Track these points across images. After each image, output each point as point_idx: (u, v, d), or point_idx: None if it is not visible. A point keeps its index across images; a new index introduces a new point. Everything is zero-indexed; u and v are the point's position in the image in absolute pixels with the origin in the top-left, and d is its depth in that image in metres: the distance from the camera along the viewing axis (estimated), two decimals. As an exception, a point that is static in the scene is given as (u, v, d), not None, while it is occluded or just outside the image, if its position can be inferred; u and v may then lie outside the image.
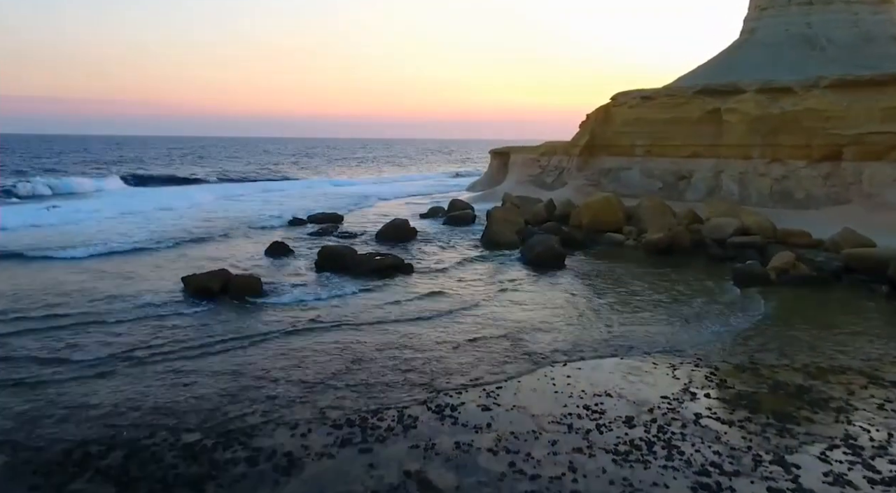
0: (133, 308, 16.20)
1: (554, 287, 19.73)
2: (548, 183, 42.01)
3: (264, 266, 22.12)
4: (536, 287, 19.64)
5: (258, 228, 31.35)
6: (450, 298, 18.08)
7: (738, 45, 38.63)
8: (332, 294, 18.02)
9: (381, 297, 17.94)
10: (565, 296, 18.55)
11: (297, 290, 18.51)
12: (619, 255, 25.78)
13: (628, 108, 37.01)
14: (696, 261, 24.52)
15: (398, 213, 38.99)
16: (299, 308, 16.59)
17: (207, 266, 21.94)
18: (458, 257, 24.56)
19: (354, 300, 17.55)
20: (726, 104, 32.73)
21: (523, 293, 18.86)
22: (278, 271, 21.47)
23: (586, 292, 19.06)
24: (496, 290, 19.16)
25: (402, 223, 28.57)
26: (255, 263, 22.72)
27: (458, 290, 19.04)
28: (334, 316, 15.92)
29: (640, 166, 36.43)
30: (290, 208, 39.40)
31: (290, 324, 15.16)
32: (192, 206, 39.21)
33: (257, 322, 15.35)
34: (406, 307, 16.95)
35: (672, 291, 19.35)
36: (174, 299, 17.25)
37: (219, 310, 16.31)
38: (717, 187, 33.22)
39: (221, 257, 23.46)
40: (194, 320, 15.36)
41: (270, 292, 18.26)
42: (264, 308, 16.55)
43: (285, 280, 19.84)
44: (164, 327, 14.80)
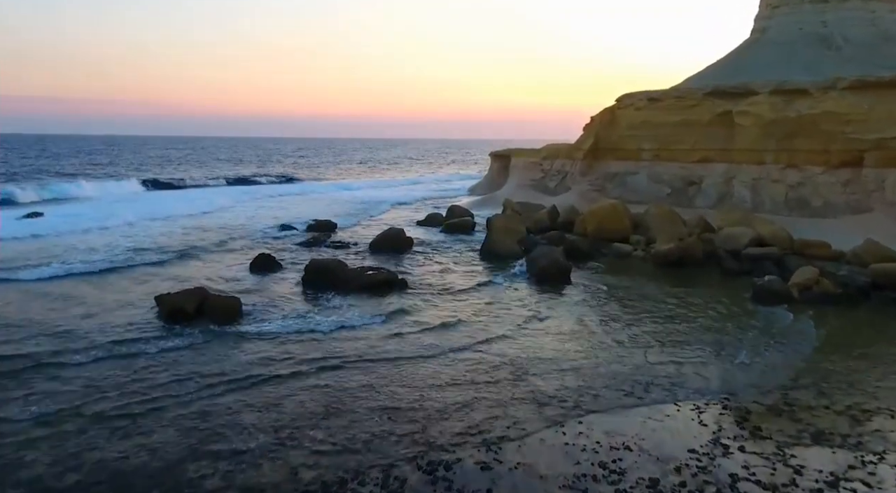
0: (94, 344, 14.03)
1: (560, 309, 18.18)
2: (550, 188, 40.48)
3: (248, 282, 20.59)
4: (541, 309, 18.08)
5: (249, 238, 29.75)
6: (445, 323, 16.47)
7: (749, 45, 37.08)
8: (315, 321, 16.26)
9: (370, 322, 16.28)
10: (573, 320, 16.98)
11: (278, 314, 16.91)
12: (627, 268, 24.25)
13: (634, 110, 35.45)
14: (709, 275, 22.99)
15: (397, 217, 37.64)
16: (278, 340, 14.77)
17: (190, 281, 20.55)
18: (455, 270, 23.05)
19: (340, 327, 15.81)
20: (738, 106, 31.19)
21: (527, 316, 17.31)
22: (262, 287, 19.94)
23: (595, 316, 17.50)
24: (497, 312, 17.61)
25: (397, 233, 27.05)
26: (238, 278, 21.20)
27: (454, 312, 17.48)
28: (316, 350, 14.17)
29: (647, 171, 34.89)
30: (292, 215, 37.94)
31: (267, 360, 13.43)
32: (189, 214, 37.23)
33: (231, 358, 13.57)
34: (397, 337, 15.22)
35: (688, 313, 17.81)
36: (144, 326, 15.51)
37: (191, 340, 14.57)
38: (729, 194, 31.68)
39: (205, 272, 21.94)
40: (161, 359, 13.42)
41: (250, 315, 16.72)
42: (240, 340, 14.79)
43: (268, 300, 18.30)
44: (126, 368, 12.84)
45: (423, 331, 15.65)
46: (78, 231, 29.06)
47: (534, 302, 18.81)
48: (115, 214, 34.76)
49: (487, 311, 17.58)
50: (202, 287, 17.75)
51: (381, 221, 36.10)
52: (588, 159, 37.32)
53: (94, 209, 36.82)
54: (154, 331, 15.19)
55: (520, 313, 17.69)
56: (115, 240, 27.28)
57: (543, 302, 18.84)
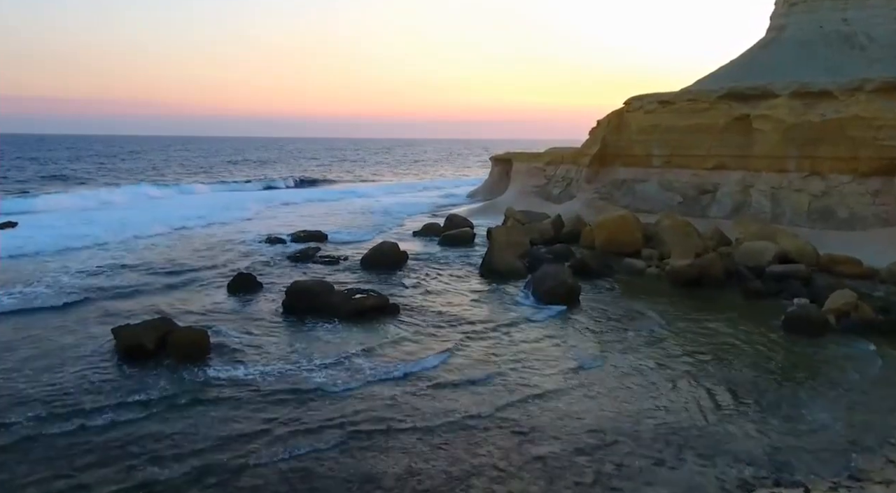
0: (21, 403, 11.58)
1: (569, 341, 16.12)
2: (554, 195, 38.47)
3: (223, 307, 18.57)
4: (547, 341, 16.04)
5: (235, 252, 27.69)
6: (439, 361, 14.36)
7: (765, 45, 35.05)
8: (294, 363, 13.95)
9: (359, 367, 13.81)
10: (584, 357, 14.91)
11: (253, 351, 14.76)
12: (640, 287, 22.21)
13: (644, 113, 33.44)
14: (731, 296, 20.94)
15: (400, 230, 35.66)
16: (251, 396, 12.11)
17: (161, 304, 18.61)
18: (452, 291, 21.03)
19: (319, 371, 13.47)
20: (756, 110, 29.17)
21: (531, 351, 15.27)
22: (238, 313, 17.92)
23: (610, 351, 15.42)
24: (496, 347, 15.53)
25: (390, 248, 25.00)
26: (213, 301, 19.18)
27: (452, 348, 15.39)
28: (287, 412, 11.46)
29: (657, 178, 32.87)
30: (291, 224, 35.93)
31: (236, 434, 10.66)
32: (182, 225, 34.83)
33: (184, 421, 11.04)
34: (384, 385, 12.82)
35: (717, 346, 15.77)
36: (91, 373, 13.18)
37: (142, 396, 12.06)
38: (746, 203, 29.66)
39: (178, 295, 19.93)
40: (91, 437, 10.44)
41: (220, 350, 14.68)
42: (201, 389, 12.46)
43: (243, 330, 16.26)
44: (47, 448, 10.01)
45: (411, 375, 13.48)
46: (53, 247, 26.65)
47: (539, 331, 16.77)
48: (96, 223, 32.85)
49: (486, 348, 15.50)
50: (166, 317, 15.72)
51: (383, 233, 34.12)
52: (594, 165, 35.30)
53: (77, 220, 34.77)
54: (102, 380, 12.84)
55: (522, 343, 15.69)
56: (87, 260, 25.03)
57: (550, 331, 16.80)
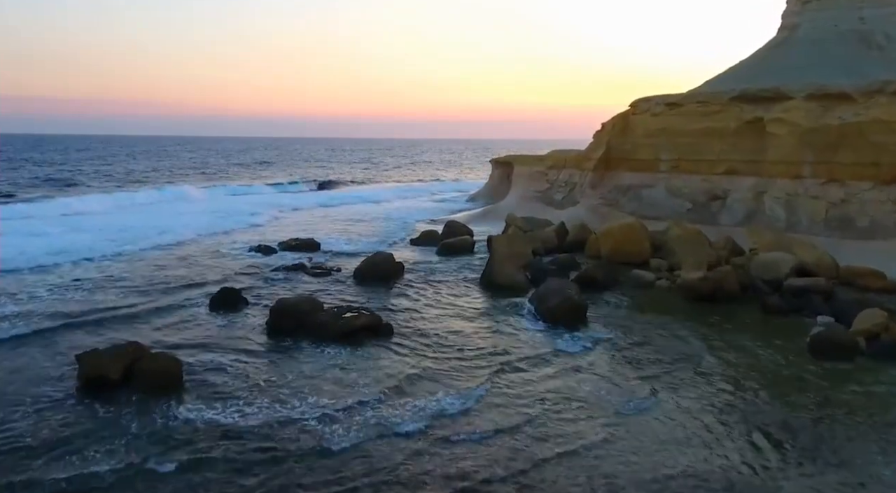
0: None
1: (578, 368, 14.77)
2: (557, 200, 37.12)
3: (202, 327, 17.23)
4: (554, 368, 14.72)
5: (222, 263, 26.35)
6: (433, 399, 12.92)
7: (778, 44, 33.70)
8: (279, 401, 12.40)
9: (348, 407, 12.18)
10: (598, 389, 13.54)
11: (231, 383, 13.32)
12: (650, 302, 20.86)
13: (651, 116, 32.09)
14: (748, 313, 19.60)
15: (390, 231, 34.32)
16: (218, 458, 10.18)
17: (135, 323, 17.34)
18: (451, 308, 19.69)
19: (305, 416, 11.77)
20: (770, 113, 27.82)
21: (537, 379, 13.95)
22: (218, 335, 16.58)
23: (619, 385, 13.98)
24: (497, 377, 14.20)
25: (384, 259, 23.65)
26: (192, 320, 17.86)
27: (444, 377, 14.07)
28: (268, 477, 9.73)
29: (665, 184, 31.53)
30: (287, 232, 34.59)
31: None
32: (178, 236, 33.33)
33: (142, 484, 9.44)
34: (383, 441, 11.02)
35: (738, 377, 14.40)
36: (46, 411, 11.87)
37: (98, 435, 10.77)
38: (759, 211, 28.32)
39: (155, 314, 18.57)
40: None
41: (195, 381, 13.36)
42: (167, 438, 10.85)
43: (221, 356, 14.91)
44: None
45: (404, 418, 12.04)
46: (33, 259, 25.02)
47: (545, 356, 15.43)
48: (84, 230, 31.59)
49: (486, 379, 14.14)
50: (136, 343, 14.35)
51: (375, 234, 32.79)
52: (599, 170, 33.96)
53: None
54: (55, 418, 11.50)
55: (527, 371, 14.37)
56: (69, 271, 23.80)
57: (557, 356, 15.46)
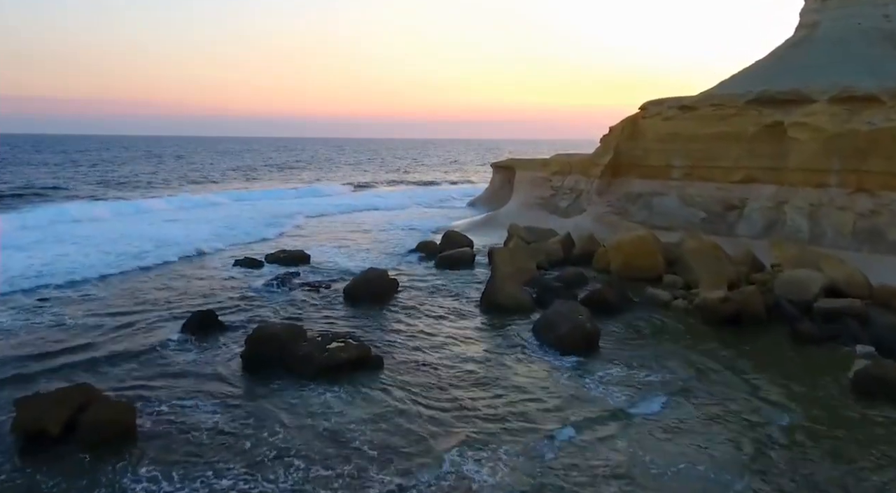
0: None
1: (598, 417, 12.87)
2: (561, 208, 35.26)
3: (169, 359, 15.39)
4: (568, 413, 12.86)
5: (204, 279, 24.54)
6: (428, 472, 11.20)
7: (796, 44, 31.83)
8: (244, 475, 10.47)
9: (322, 474, 10.55)
10: (632, 455, 11.71)
11: (192, 445, 11.32)
12: (668, 326, 19.00)
13: (662, 120, 30.24)
14: (776, 340, 17.75)
15: (386, 241, 32.47)
16: None
17: (97, 352, 15.51)
18: (449, 334, 17.83)
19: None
20: (791, 117, 25.97)
21: (548, 432, 12.09)
22: (185, 370, 14.73)
23: (643, 435, 12.22)
24: (504, 432, 12.35)
25: (377, 276, 21.79)
26: (160, 350, 16.02)
27: (440, 432, 12.26)
28: None
29: (677, 192, 29.68)
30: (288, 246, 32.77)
31: None
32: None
33: None
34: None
35: (775, 420, 12.58)
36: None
37: None
38: (779, 222, 26.45)
39: (121, 342, 16.74)
40: None
41: (149, 437, 11.51)
42: None
43: (185, 398, 13.08)
44: None
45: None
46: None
47: (555, 394, 13.58)
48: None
49: (497, 435, 12.30)
50: (86, 385, 12.50)
51: (370, 243, 30.96)
52: (606, 176, 32.11)
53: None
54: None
55: (542, 429, 12.52)
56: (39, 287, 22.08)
57: (569, 393, 13.61)
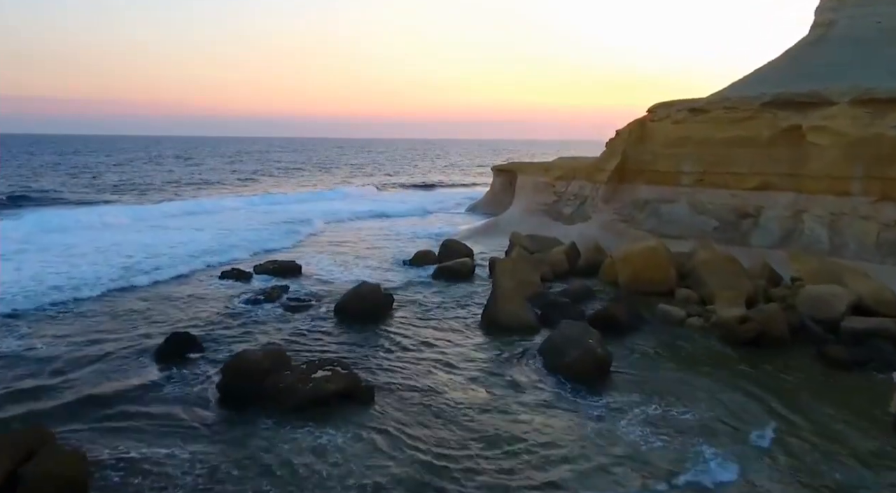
0: None
1: (614, 454, 11.49)
2: (565, 215, 33.83)
3: (137, 394, 13.94)
4: (582, 453, 11.45)
5: (188, 294, 23.15)
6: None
7: (812, 43, 30.38)
8: None
9: None
10: None
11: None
12: (683, 348, 17.56)
13: (672, 123, 28.81)
14: (804, 364, 16.32)
15: (381, 251, 31.06)
16: None
17: (55, 390, 14.08)
18: (446, 359, 16.39)
19: None
20: (810, 120, 24.53)
21: (566, 479, 10.68)
22: (155, 407, 13.28)
23: (661, 482, 10.81)
24: (508, 477, 10.96)
25: (371, 291, 20.35)
26: (130, 378, 14.62)
27: (437, 475, 10.85)
28: None
29: (687, 199, 28.24)
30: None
31: None
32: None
33: None
34: None
35: (813, 469, 11.15)
36: None
37: None
38: (797, 231, 25.01)
39: (88, 371, 15.32)
40: None
41: (103, 488, 10.11)
42: None
43: (151, 444, 11.63)
44: None
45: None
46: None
47: (573, 441, 12.11)
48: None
49: (504, 472, 10.91)
50: (38, 429, 11.06)
51: (367, 250, 29.56)
52: (613, 182, 30.68)
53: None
54: None
55: (546, 459, 11.11)
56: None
57: (585, 442, 12.13)
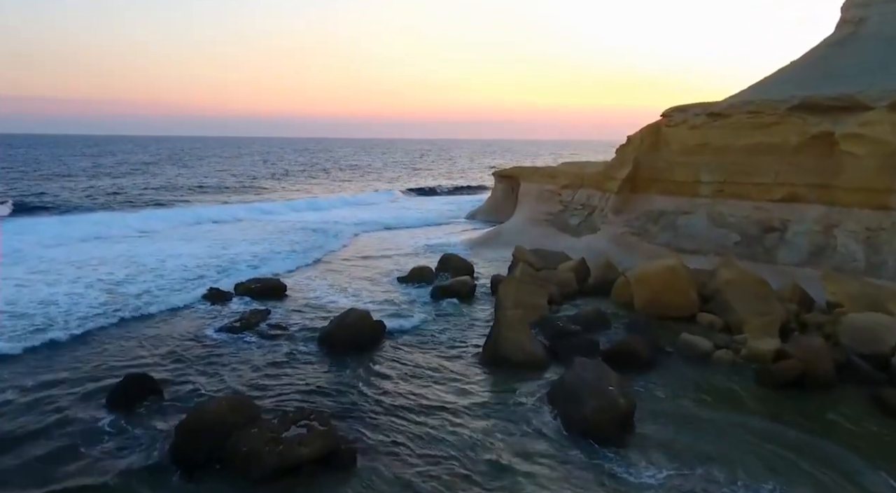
0: None
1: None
2: (572, 226, 31.60)
3: (81, 453, 11.75)
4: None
5: (162, 321, 20.96)
6: None
7: (840, 42, 28.17)
8: None
9: None
10: None
11: None
12: (716, 390, 15.34)
13: (689, 128, 26.60)
14: (856, 412, 14.11)
15: (376, 264, 28.86)
16: None
17: None
18: (442, 403, 14.17)
19: None
20: (844, 127, 22.33)
21: None
22: (95, 475, 11.09)
23: None
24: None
25: (359, 319, 18.11)
26: (70, 433, 12.42)
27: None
28: None
29: (706, 211, 26.03)
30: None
31: None
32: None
33: None
34: None
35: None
36: None
37: None
38: (829, 248, 22.80)
39: (29, 419, 13.13)
40: None
41: None
42: None
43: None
44: None
45: None
46: None
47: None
48: None
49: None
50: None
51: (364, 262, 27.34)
52: (624, 192, 28.48)
53: None
54: None
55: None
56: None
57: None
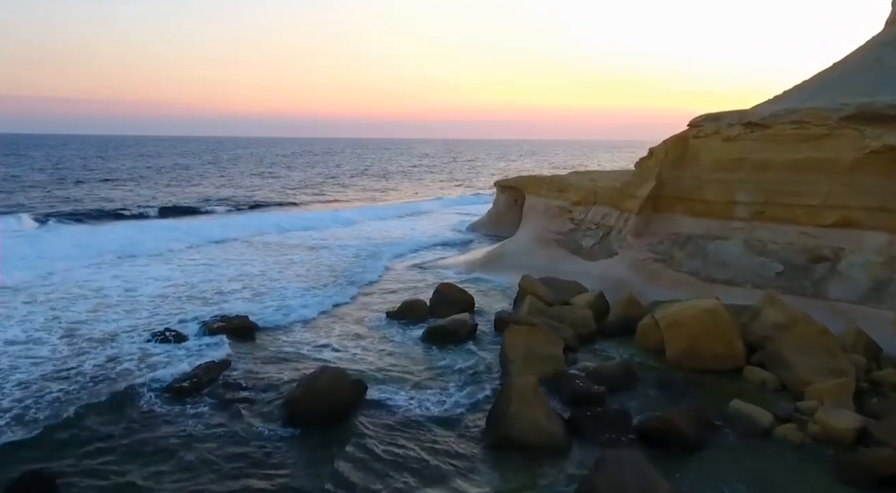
0: None
1: None
2: (585, 247, 28.20)
3: None
4: None
5: (96, 374, 17.56)
6: None
7: (890, 43, 24.84)
8: None
9: None
10: None
11: None
12: (784, 485, 11.99)
13: (723, 141, 23.24)
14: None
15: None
16: None
17: None
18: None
19: None
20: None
21: None
22: None
23: None
24: None
25: (332, 381, 14.60)
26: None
27: None
28: None
29: (743, 236, 22.68)
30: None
31: None
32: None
33: None
34: None
35: None
36: None
37: None
38: (892, 283, 19.46)
39: None
40: None
41: None
42: None
43: None
44: None
45: None
46: None
47: None
48: None
49: None
50: None
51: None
52: (646, 212, 25.11)
53: None
54: None
55: None
56: None
57: None
